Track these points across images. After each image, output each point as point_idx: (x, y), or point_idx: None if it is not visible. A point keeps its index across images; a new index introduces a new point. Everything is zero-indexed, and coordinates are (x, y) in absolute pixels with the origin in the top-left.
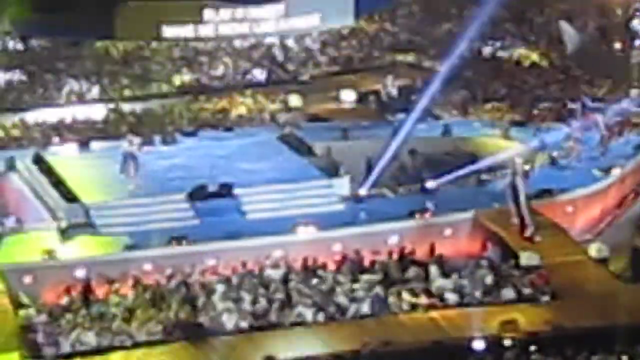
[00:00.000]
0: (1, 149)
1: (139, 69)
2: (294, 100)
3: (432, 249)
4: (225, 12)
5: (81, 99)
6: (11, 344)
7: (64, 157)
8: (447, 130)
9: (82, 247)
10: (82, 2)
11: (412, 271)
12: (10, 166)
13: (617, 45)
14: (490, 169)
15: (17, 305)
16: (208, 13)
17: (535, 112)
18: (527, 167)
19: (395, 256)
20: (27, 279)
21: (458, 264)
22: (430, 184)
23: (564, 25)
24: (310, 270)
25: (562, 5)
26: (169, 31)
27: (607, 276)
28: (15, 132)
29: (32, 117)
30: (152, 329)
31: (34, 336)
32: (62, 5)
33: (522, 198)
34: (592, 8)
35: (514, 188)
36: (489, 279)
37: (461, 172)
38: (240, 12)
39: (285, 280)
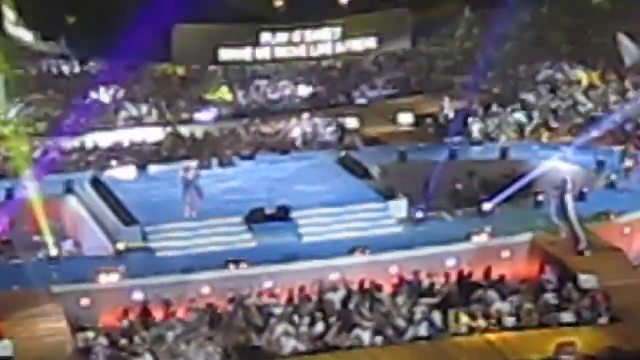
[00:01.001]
0: (59, 172)
1: (196, 92)
2: (351, 122)
3: (487, 271)
4: (281, 35)
5: (139, 122)
6: None
7: (122, 179)
8: (504, 153)
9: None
10: (139, 25)
11: (472, 294)
12: (68, 189)
13: None
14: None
15: (76, 328)
16: (265, 36)
17: (594, 134)
18: (585, 189)
19: (452, 278)
20: (85, 302)
21: (516, 287)
22: (487, 206)
23: (622, 38)
24: (367, 292)
25: (621, 26)
26: (225, 54)
27: None
28: (73, 156)
29: (90, 140)
30: (210, 352)
31: (93, 359)
32: (119, 29)
33: (572, 214)
34: None
35: (562, 205)
36: (548, 301)
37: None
38: (297, 34)
39: (343, 303)
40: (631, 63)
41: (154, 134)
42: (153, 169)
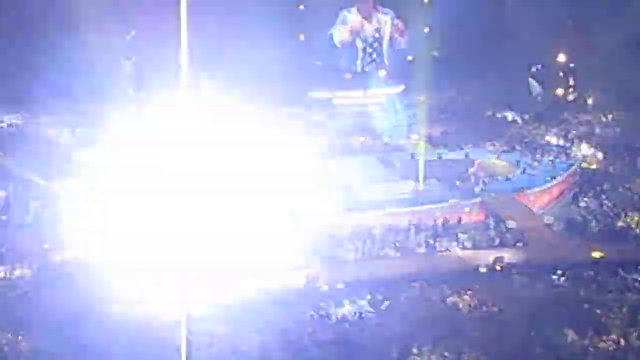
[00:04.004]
0: None
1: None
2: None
3: (459, 219)
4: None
5: None
6: None
7: None
8: (467, 155)
9: None
10: None
11: (449, 230)
12: None
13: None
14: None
15: None
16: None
17: (516, 146)
18: (510, 175)
19: (439, 222)
20: None
21: (472, 226)
22: (458, 184)
23: (530, 80)
24: (393, 229)
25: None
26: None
27: (553, 233)
28: None
29: None
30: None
31: None
32: None
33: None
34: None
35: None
36: (489, 235)
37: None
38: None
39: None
40: (535, 94)
41: None
42: None
